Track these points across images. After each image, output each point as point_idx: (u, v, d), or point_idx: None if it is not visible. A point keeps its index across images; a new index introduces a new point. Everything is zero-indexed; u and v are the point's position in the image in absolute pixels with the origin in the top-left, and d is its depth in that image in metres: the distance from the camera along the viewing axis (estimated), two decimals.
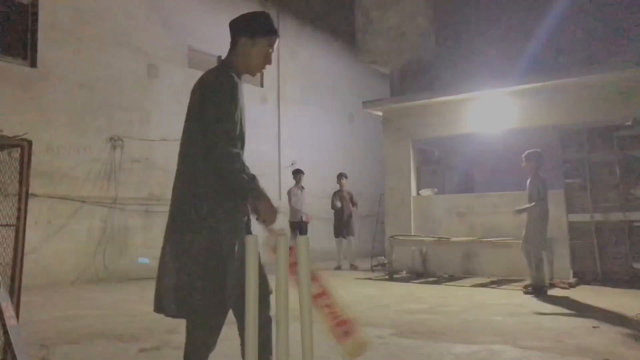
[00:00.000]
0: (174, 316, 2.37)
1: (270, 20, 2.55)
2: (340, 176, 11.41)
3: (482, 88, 9.22)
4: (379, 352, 3.85)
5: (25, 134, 2.84)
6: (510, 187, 9.53)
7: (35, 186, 7.80)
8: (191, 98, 2.47)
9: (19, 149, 2.78)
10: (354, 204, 11.41)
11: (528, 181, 7.22)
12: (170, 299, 2.33)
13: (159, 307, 2.39)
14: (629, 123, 7.87)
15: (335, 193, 11.41)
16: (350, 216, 11.29)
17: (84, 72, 9.31)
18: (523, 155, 7.24)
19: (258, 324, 1.87)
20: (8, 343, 2.22)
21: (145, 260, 4.30)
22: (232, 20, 2.57)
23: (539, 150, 7.27)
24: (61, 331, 4.69)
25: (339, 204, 11.14)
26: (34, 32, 8.76)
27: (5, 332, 2.23)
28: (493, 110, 9.41)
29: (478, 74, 9.31)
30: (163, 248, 2.43)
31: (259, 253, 2.01)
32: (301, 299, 1.98)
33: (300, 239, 2.02)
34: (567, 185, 8.30)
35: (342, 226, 11.21)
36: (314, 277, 2.18)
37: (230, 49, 2.57)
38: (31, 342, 4.07)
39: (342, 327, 2.09)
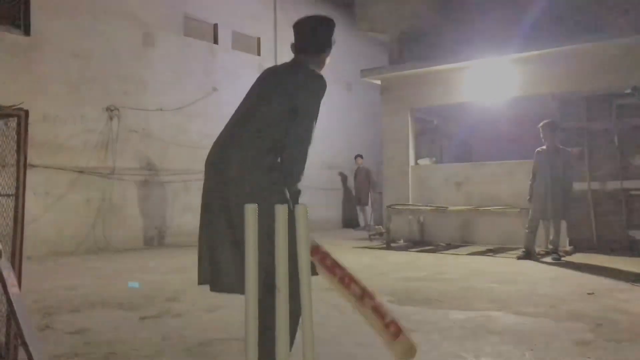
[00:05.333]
0: (240, 292, 2.34)
1: None
2: (356, 157, 13.42)
3: (481, 56, 9.13)
4: None
5: (21, 103, 2.82)
6: (508, 156, 9.54)
7: (32, 156, 7.77)
8: (272, 81, 2.53)
9: (16, 118, 2.76)
10: (370, 181, 13.23)
11: (542, 149, 7.23)
12: (232, 273, 2.31)
13: (216, 284, 2.36)
14: (628, 91, 7.82)
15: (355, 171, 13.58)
16: (366, 190, 13.30)
17: (79, 40, 9.18)
18: (539, 126, 7.27)
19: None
20: (11, 311, 2.24)
21: (135, 284, 4.36)
22: (318, 25, 2.70)
23: (553, 120, 7.32)
24: (62, 300, 4.75)
25: (352, 181, 13.63)
26: (27, 0, 8.60)
27: (8, 300, 2.25)
28: (492, 79, 9.34)
29: (477, 42, 9.20)
30: (214, 221, 2.38)
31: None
32: (301, 268, 2.00)
33: (298, 207, 2.03)
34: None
35: (359, 197, 13.42)
36: (352, 279, 2.24)
37: (309, 51, 2.62)
38: (33, 310, 4.12)
39: (391, 328, 2.11)
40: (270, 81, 2.55)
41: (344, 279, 2.24)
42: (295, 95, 2.41)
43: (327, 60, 2.69)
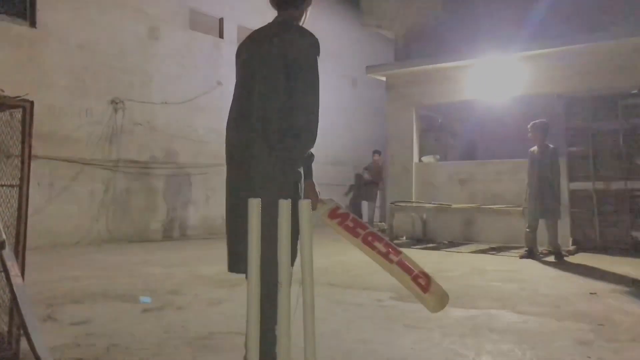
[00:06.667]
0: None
1: None
2: (374, 152, 13.04)
3: (487, 54, 9.10)
4: (379, 315, 3.91)
5: (26, 94, 2.82)
6: (512, 155, 9.51)
7: (37, 148, 7.75)
8: (263, 43, 2.44)
9: (21, 109, 2.77)
10: (380, 177, 12.97)
11: (533, 150, 7.24)
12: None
13: (241, 268, 2.29)
14: (635, 91, 7.79)
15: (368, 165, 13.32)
16: (373, 185, 13.05)
17: (84, 33, 9.19)
18: (529, 126, 7.26)
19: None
20: (14, 301, 2.25)
21: (146, 299, 4.37)
22: None
23: (545, 120, 7.29)
24: (65, 291, 4.77)
25: (365, 175, 13.21)
26: None
27: (12, 291, 2.26)
28: (498, 77, 9.31)
29: (483, 40, 9.17)
30: (240, 210, 2.30)
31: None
32: (303, 261, 2.00)
33: (302, 202, 2.04)
34: (569, 154, 8.29)
35: (366, 192, 13.20)
36: (375, 237, 2.19)
37: (290, 9, 2.53)
38: (36, 301, 4.14)
39: (419, 280, 2.06)
40: (260, 50, 2.46)
41: (367, 237, 2.18)
42: (288, 53, 2.33)
43: (309, 9, 2.58)
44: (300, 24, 2.54)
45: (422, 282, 2.05)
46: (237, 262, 2.36)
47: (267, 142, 2.29)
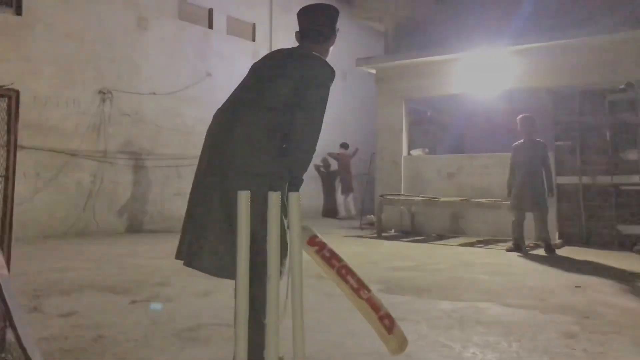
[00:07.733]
0: (215, 275, 2.30)
1: None
2: (341, 146, 13.58)
3: (476, 48, 9.12)
4: None
5: (12, 83, 2.79)
6: (500, 149, 9.56)
7: (23, 138, 7.70)
8: (279, 62, 2.50)
9: (6, 99, 2.73)
10: (345, 171, 13.55)
11: (519, 144, 7.29)
12: (215, 257, 2.25)
13: (194, 262, 2.30)
14: (622, 87, 7.85)
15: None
16: (341, 178, 13.58)
17: (72, 21, 9.07)
18: (518, 119, 7.29)
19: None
20: (0, 293, 2.23)
21: (157, 306, 4.28)
22: (322, 14, 2.67)
23: (531, 114, 7.35)
24: (52, 282, 4.73)
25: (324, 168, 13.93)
26: None
27: None
28: (487, 71, 9.34)
29: (473, 33, 9.19)
30: (206, 200, 2.30)
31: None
32: (292, 253, 2.00)
33: (291, 195, 2.03)
34: (557, 148, 8.34)
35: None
36: (349, 271, 2.28)
37: (313, 39, 2.63)
38: (22, 293, 4.11)
39: (385, 321, 2.15)
40: (277, 62, 2.50)
41: (341, 270, 2.26)
42: (303, 80, 2.37)
43: (331, 49, 2.69)
44: (328, 54, 2.66)
45: (387, 323, 2.14)
46: (187, 251, 2.33)
47: (255, 142, 2.28)
